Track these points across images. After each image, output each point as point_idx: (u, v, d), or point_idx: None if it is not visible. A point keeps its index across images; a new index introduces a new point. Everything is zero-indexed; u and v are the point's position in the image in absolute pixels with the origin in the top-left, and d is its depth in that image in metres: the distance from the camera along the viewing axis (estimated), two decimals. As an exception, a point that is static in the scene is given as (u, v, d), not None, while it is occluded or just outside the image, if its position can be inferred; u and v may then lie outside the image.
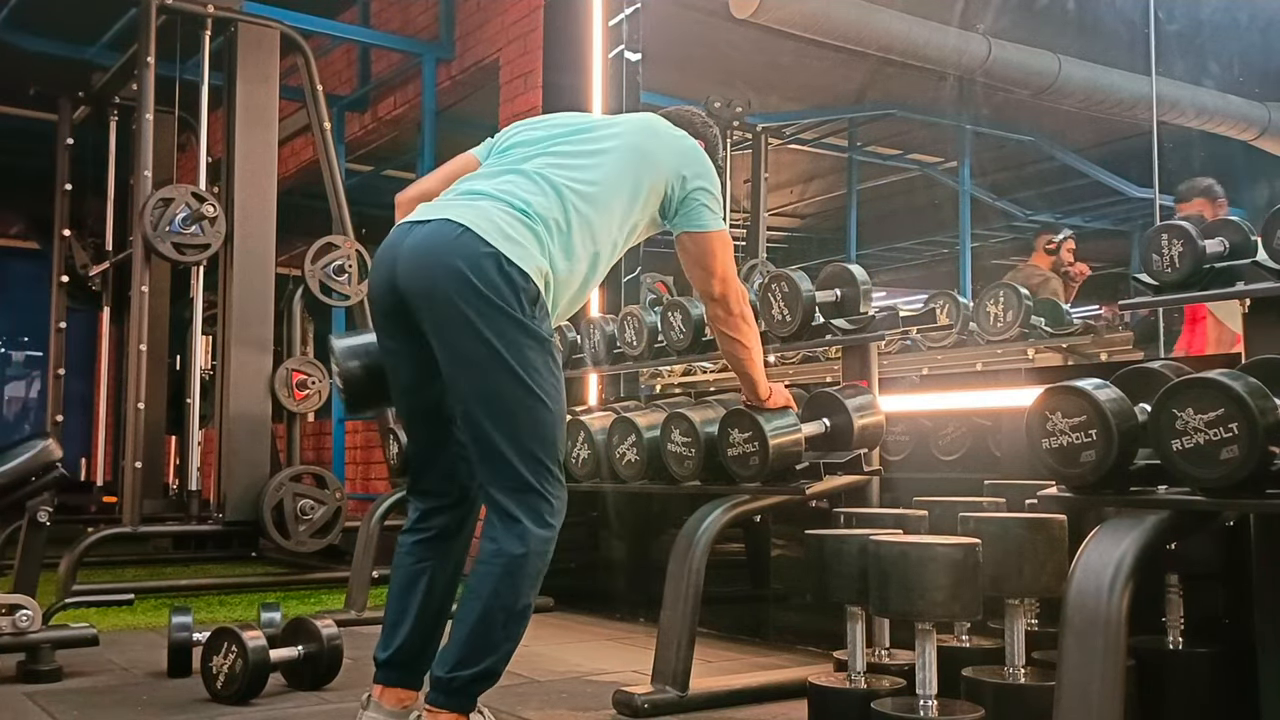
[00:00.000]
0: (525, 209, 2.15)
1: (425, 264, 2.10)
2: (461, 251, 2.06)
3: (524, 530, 2.06)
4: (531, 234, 2.13)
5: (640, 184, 2.30)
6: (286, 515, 4.93)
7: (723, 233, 2.43)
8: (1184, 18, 3.56)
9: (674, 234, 2.42)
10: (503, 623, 2.06)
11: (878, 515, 2.61)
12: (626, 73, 4.88)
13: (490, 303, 2.04)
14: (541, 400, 2.09)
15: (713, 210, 2.39)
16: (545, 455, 2.09)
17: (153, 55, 5.03)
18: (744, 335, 2.55)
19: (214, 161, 5.48)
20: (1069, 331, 3.33)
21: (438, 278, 2.07)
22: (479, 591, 2.05)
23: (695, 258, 2.42)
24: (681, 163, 2.36)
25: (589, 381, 4.54)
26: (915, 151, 5.40)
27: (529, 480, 2.07)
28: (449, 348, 2.09)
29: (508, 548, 2.05)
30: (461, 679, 2.05)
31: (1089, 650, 1.77)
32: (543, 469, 2.09)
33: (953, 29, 4.52)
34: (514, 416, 2.07)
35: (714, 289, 2.46)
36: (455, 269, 2.05)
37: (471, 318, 2.05)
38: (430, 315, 2.09)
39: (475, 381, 2.07)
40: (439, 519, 2.26)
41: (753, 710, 2.71)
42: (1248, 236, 2.29)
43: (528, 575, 2.06)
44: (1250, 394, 1.79)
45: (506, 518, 2.07)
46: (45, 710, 2.66)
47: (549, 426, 2.10)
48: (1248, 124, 3.56)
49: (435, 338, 2.10)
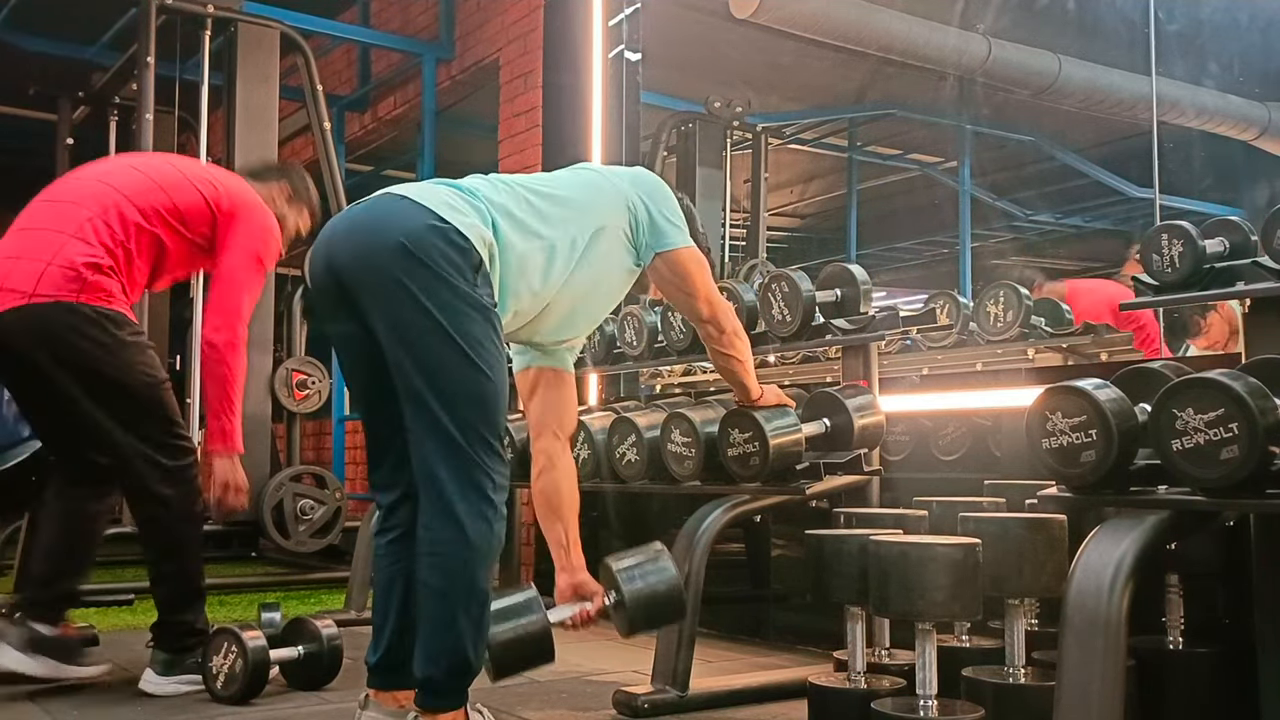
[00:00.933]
0: (473, 191, 2.15)
1: (361, 237, 2.07)
2: (400, 222, 2.03)
3: (458, 515, 1.99)
4: (473, 207, 2.11)
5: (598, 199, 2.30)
6: (286, 515, 4.93)
7: (693, 249, 2.39)
8: (1184, 18, 3.57)
9: (645, 266, 2.38)
10: (463, 609, 2.00)
11: (878, 515, 2.60)
12: (626, 73, 4.88)
13: (429, 270, 1.99)
14: (482, 371, 2.02)
15: (677, 226, 2.36)
16: (485, 428, 2.03)
17: (153, 55, 5.03)
18: (739, 350, 2.55)
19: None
20: (1069, 331, 3.33)
21: (373, 247, 2.03)
22: (430, 584, 2.00)
23: (672, 282, 2.39)
24: (635, 184, 2.36)
25: (589, 381, 4.54)
26: (915, 151, 5.41)
27: (467, 452, 2.01)
28: (388, 320, 2.03)
29: (444, 538, 1.99)
30: (437, 676, 2.02)
31: (1089, 650, 1.77)
32: (481, 442, 2.02)
33: (953, 29, 4.53)
34: (453, 387, 2.01)
35: (701, 311, 2.44)
36: (391, 238, 2.01)
37: (409, 286, 1.99)
38: (368, 288, 2.05)
39: (414, 353, 2.02)
40: (402, 514, 2.21)
41: (753, 710, 2.71)
42: (1248, 236, 2.29)
43: (476, 560, 2.01)
44: (1250, 394, 1.79)
45: (440, 501, 2.00)
46: (45, 710, 2.66)
47: (490, 399, 2.04)
48: (1248, 124, 3.56)
49: (374, 311, 2.05)
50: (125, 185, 2.84)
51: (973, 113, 4.62)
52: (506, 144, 5.75)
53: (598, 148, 4.84)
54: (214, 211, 2.85)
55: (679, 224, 2.37)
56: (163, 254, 2.83)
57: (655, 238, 2.34)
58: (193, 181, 2.89)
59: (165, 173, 2.90)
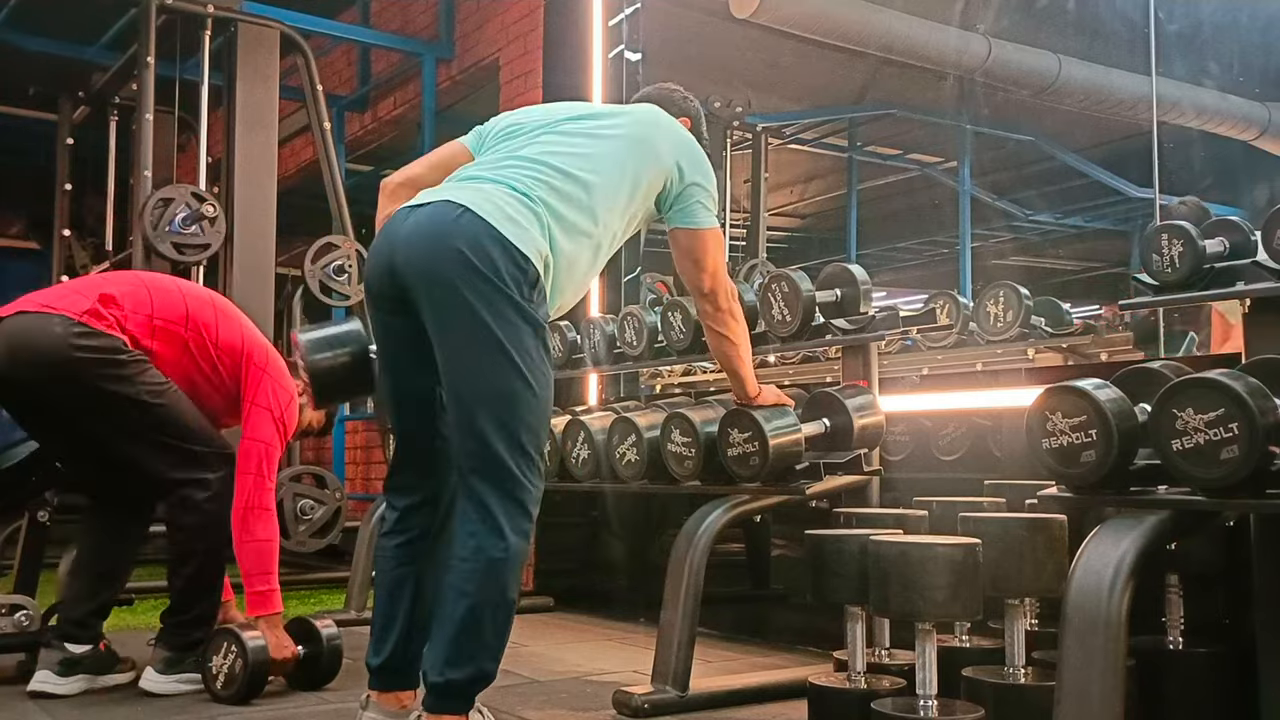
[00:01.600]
0: (526, 193, 2.14)
1: (425, 245, 2.08)
2: (462, 232, 2.05)
3: (501, 526, 2.01)
4: (533, 215, 2.12)
5: (641, 175, 2.30)
6: (286, 515, 4.93)
7: (715, 230, 2.43)
8: (1184, 18, 3.57)
9: (667, 228, 2.42)
10: (490, 620, 2.01)
11: (878, 515, 2.61)
12: (626, 73, 4.88)
13: (490, 283, 2.02)
14: (531, 386, 2.05)
15: (707, 208, 2.40)
16: (528, 442, 2.05)
17: (153, 55, 5.03)
18: (732, 331, 2.56)
19: (214, 161, 5.47)
20: (1069, 331, 3.33)
21: (437, 258, 2.05)
22: (463, 589, 2.00)
23: (687, 252, 2.43)
24: (680, 156, 2.37)
25: (589, 381, 4.54)
26: (915, 151, 5.41)
27: (510, 466, 2.03)
28: (444, 328, 2.06)
29: (487, 545, 2.01)
30: (457, 681, 2.02)
31: (1089, 650, 1.78)
32: (524, 456, 2.05)
33: (953, 29, 4.53)
34: (502, 400, 2.03)
35: (704, 283, 2.47)
36: (455, 249, 2.03)
37: (470, 298, 2.02)
38: (428, 296, 2.07)
39: (467, 363, 2.04)
40: (419, 518, 2.23)
41: (753, 710, 2.71)
42: (1248, 236, 2.29)
43: (510, 569, 2.02)
44: (1250, 394, 1.79)
45: (484, 510, 2.02)
46: (45, 710, 2.66)
47: (536, 414, 2.07)
48: (1248, 124, 3.56)
49: (431, 319, 2.07)
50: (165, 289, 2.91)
51: (973, 113, 4.62)
52: (506, 144, 5.74)
53: (598, 148, 4.83)
54: (246, 357, 2.87)
55: (710, 205, 2.41)
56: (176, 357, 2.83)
57: (684, 214, 2.38)
58: (234, 318, 2.94)
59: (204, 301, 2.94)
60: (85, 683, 2.82)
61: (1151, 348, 3.25)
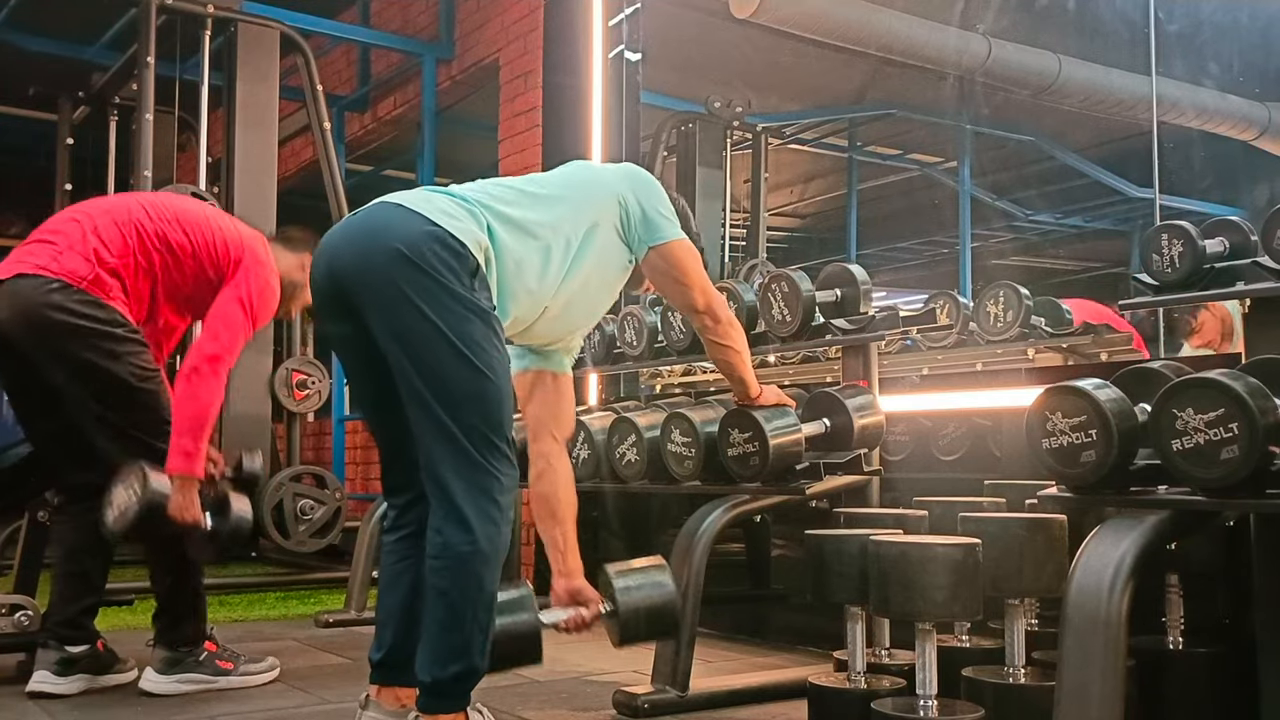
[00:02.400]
0: (464, 196, 2.17)
1: (360, 245, 2.09)
2: (397, 228, 2.05)
3: (467, 518, 2.00)
4: (468, 212, 2.13)
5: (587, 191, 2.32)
6: (286, 515, 4.93)
7: (684, 241, 2.40)
8: (1184, 18, 3.57)
9: (640, 260, 2.39)
10: (470, 614, 2.01)
11: (878, 515, 2.60)
12: (626, 73, 4.88)
13: (427, 276, 2.01)
14: (484, 374, 2.04)
15: (669, 219, 2.38)
16: (490, 430, 2.04)
17: (153, 55, 5.03)
18: (734, 341, 2.56)
19: (214, 161, 5.47)
20: (1069, 331, 3.33)
21: (372, 255, 2.05)
22: (438, 587, 2.00)
23: (666, 274, 2.41)
24: (625, 179, 2.38)
25: (589, 381, 4.54)
26: (915, 151, 5.41)
27: (472, 455, 2.02)
28: (388, 326, 2.05)
29: (454, 540, 2.00)
30: (443, 679, 2.02)
31: (1089, 650, 1.77)
32: (486, 444, 2.04)
33: (953, 29, 4.53)
34: (456, 391, 2.02)
35: (696, 302, 2.45)
36: (389, 245, 2.04)
37: (408, 293, 2.01)
38: (368, 295, 2.06)
39: (416, 358, 2.03)
40: (414, 514, 2.22)
41: (753, 710, 2.71)
42: (1248, 236, 2.29)
43: (482, 561, 2.01)
44: (1250, 394, 1.79)
45: (448, 504, 2.01)
46: (45, 710, 2.66)
47: (493, 401, 2.06)
48: (1248, 124, 3.56)
49: (374, 318, 2.07)
50: (149, 203, 2.90)
51: (973, 113, 4.62)
52: (506, 144, 5.75)
53: (598, 148, 4.84)
54: (223, 252, 2.87)
55: (670, 217, 2.39)
56: (165, 276, 2.84)
57: (648, 231, 2.36)
58: (212, 220, 2.94)
59: (189, 207, 2.95)
60: (85, 682, 2.81)
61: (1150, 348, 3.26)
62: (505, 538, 2.06)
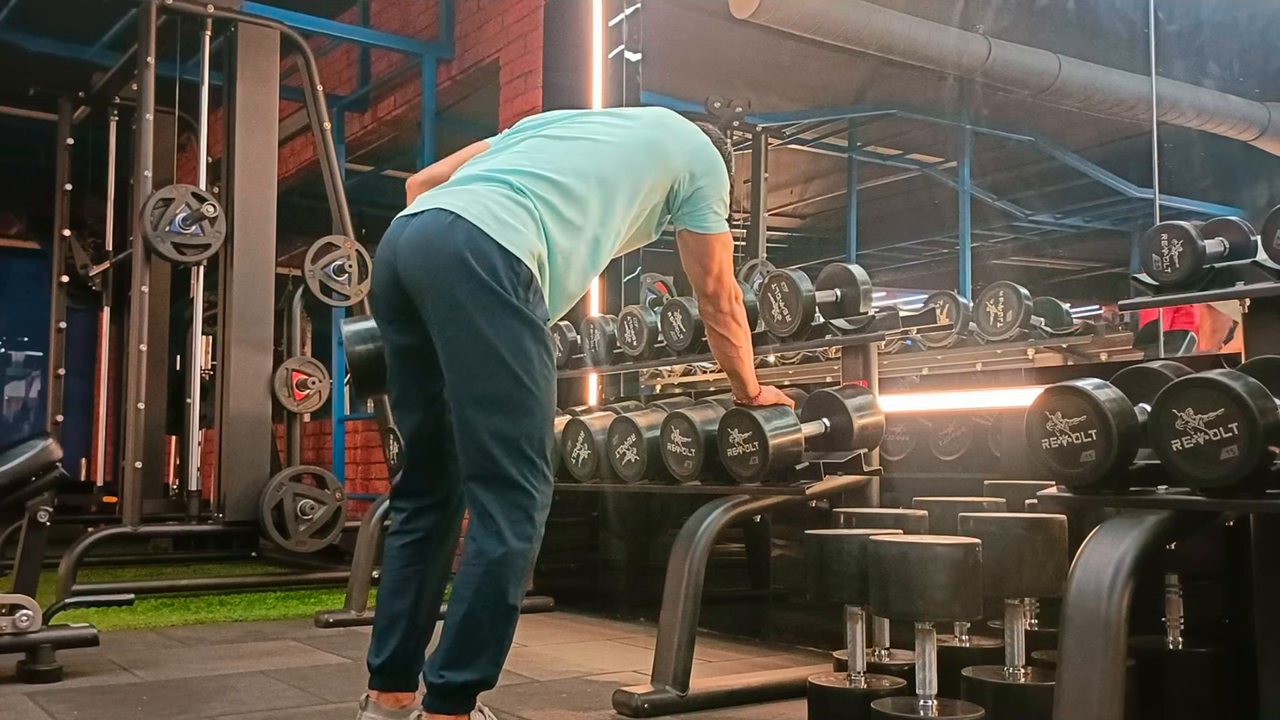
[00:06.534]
0: (520, 189, 2.15)
1: (421, 255, 2.09)
2: (453, 240, 2.06)
3: (502, 531, 2.02)
4: (525, 212, 2.12)
5: (645, 175, 2.30)
6: (286, 515, 4.93)
7: (725, 236, 2.44)
8: (1184, 18, 3.57)
9: (676, 228, 2.43)
10: (489, 624, 2.02)
11: (878, 515, 2.60)
12: (626, 73, 4.88)
13: (485, 288, 2.03)
14: (531, 391, 2.06)
15: (717, 213, 2.40)
16: (530, 448, 2.06)
17: (153, 55, 5.03)
18: (733, 333, 2.58)
19: (214, 161, 5.48)
20: (1069, 331, 3.33)
21: (434, 268, 2.07)
22: (463, 593, 2.03)
23: (694, 254, 2.45)
24: (692, 160, 2.37)
25: (589, 381, 4.54)
26: (915, 151, 5.40)
27: (510, 474, 2.04)
28: (444, 336, 2.07)
29: (487, 549, 2.02)
30: (454, 683, 2.03)
31: (1089, 650, 1.77)
32: (526, 462, 2.05)
33: (953, 29, 4.52)
34: (502, 407, 2.04)
35: (708, 285, 2.48)
36: (449, 258, 2.05)
37: (465, 305, 2.03)
38: (430, 305, 2.08)
39: (466, 369, 2.05)
40: (426, 520, 2.24)
41: (753, 710, 2.71)
42: (1248, 236, 2.29)
43: (511, 575, 2.03)
44: (1250, 394, 1.79)
45: (485, 516, 2.04)
46: (45, 710, 2.66)
47: (536, 418, 2.07)
48: (1248, 124, 3.56)
49: (434, 327, 2.09)
50: None
51: (973, 113, 4.61)
52: (506, 144, 5.74)
53: (598, 148, 4.83)
54: None
55: (721, 211, 2.41)
56: None
57: (694, 218, 2.39)
58: None
59: None
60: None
61: (1151, 348, 3.26)
62: (533, 553, 2.08)
